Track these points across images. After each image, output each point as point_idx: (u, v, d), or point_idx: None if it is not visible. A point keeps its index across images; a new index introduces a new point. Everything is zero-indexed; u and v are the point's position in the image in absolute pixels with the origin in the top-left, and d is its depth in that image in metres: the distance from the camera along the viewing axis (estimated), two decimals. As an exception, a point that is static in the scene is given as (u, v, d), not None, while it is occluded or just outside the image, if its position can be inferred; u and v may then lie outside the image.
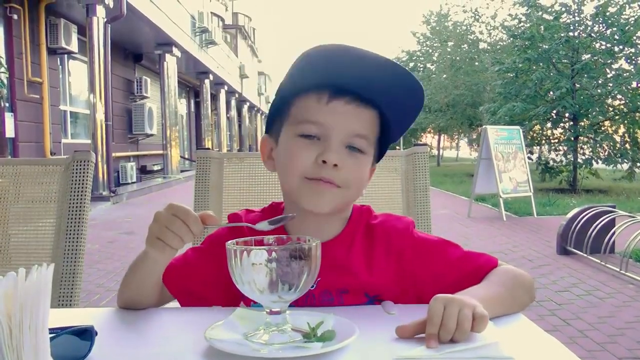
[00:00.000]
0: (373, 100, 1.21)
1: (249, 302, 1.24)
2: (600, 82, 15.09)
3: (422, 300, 1.22)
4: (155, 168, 18.93)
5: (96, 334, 0.93)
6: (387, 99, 1.21)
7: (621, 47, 14.84)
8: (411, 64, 35.33)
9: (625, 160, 14.73)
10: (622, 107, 15.44)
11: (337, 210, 1.24)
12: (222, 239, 1.17)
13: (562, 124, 16.18)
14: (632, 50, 14.79)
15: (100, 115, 12.25)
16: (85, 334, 0.92)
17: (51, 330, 0.81)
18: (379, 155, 1.32)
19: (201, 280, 1.30)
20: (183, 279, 1.29)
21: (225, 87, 29.29)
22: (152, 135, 18.25)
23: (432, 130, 34.21)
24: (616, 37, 14.57)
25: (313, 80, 1.21)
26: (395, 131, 1.29)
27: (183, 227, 1.07)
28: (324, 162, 1.16)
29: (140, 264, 1.21)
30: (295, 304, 1.19)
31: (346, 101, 1.19)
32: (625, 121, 15.12)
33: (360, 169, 1.22)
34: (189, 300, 1.30)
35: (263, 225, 1.13)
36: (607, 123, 15.69)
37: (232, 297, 1.24)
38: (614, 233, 6.17)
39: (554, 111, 15.29)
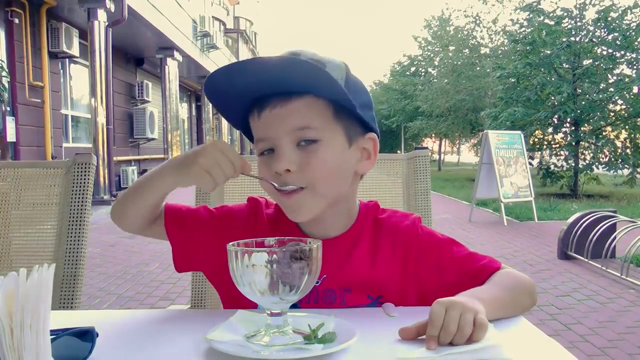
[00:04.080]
0: (295, 91, 1.17)
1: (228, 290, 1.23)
2: (601, 87, 15.08)
3: (423, 298, 1.23)
4: (157, 172, 18.89)
5: (97, 335, 0.93)
6: (297, 84, 1.16)
7: (623, 52, 14.83)
8: (412, 68, 35.43)
9: (626, 166, 14.71)
10: (623, 112, 15.43)
11: (328, 210, 1.23)
12: (236, 217, 1.24)
13: (563, 129, 16.17)
14: (634, 55, 14.77)
15: (101, 119, 12.25)
16: (86, 336, 0.92)
17: (52, 332, 0.81)
18: (365, 124, 1.26)
19: (199, 240, 1.31)
20: (184, 226, 1.32)
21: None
22: (153, 139, 18.25)
23: (433, 135, 34.22)
24: (618, 42, 14.56)
25: (238, 108, 1.25)
26: (340, 97, 1.17)
27: (230, 175, 1.14)
28: (277, 172, 1.17)
29: (154, 176, 1.25)
30: (299, 303, 1.20)
31: (271, 107, 1.18)
32: (627, 126, 15.12)
33: (319, 161, 1.17)
34: (181, 251, 1.32)
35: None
36: (608, 128, 15.68)
37: (218, 272, 1.24)
38: (614, 238, 6.17)
39: (555, 116, 15.28)
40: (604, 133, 15.43)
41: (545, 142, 16.65)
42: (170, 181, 1.21)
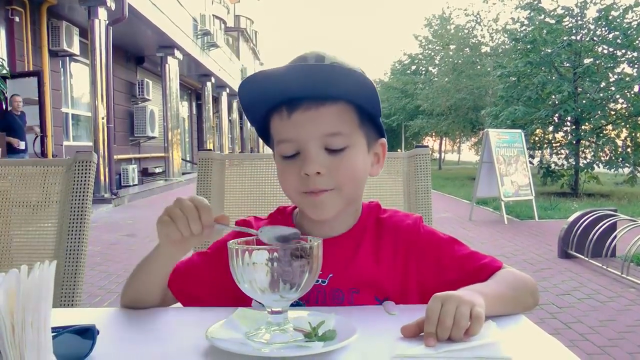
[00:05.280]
0: (328, 96, 1.19)
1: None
2: (602, 86, 15.08)
3: (424, 297, 1.23)
4: (157, 170, 18.95)
5: (98, 333, 0.93)
6: (336, 90, 1.18)
7: (623, 51, 14.82)
8: (413, 67, 35.40)
9: (627, 165, 14.71)
10: (624, 111, 15.42)
11: (343, 210, 1.25)
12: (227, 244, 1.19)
13: (564, 128, 16.18)
14: (635, 54, 14.77)
15: (101, 118, 12.26)
16: (87, 333, 0.92)
17: (53, 329, 0.81)
18: (378, 130, 1.30)
19: (205, 284, 1.30)
20: (186, 282, 1.29)
21: (227, 90, 29.34)
22: (153, 137, 18.28)
23: (434, 134, 34.22)
24: (618, 41, 14.55)
25: (265, 106, 1.23)
26: (371, 105, 1.23)
27: (193, 211, 1.08)
28: (307, 174, 1.17)
29: (150, 258, 1.23)
30: (307, 303, 1.20)
31: (303, 109, 1.18)
32: (627, 125, 15.11)
33: (347, 165, 1.20)
34: (192, 304, 1.30)
35: (269, 239, 1.11)
36: (609, 127, 15.67)
37: (237, 303, 1.23)
38: (615, 237, 6.17)
39: (556, 115, 15.27)
40: (604, 132, 15.44)
41: (546, 141, 16.65)
42: (159, 249, 1.20)
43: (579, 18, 15.44)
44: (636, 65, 14.94)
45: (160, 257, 1.20)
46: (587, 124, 15.22)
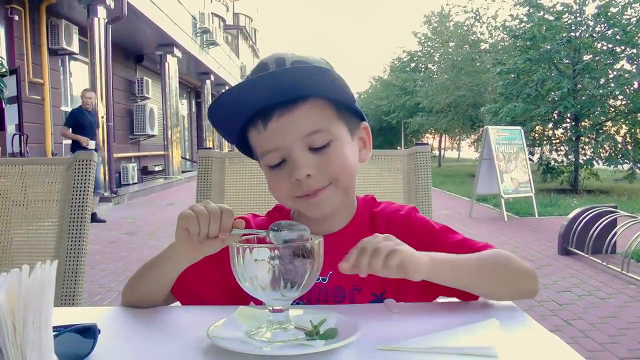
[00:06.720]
0: (298, 97, 1.16)
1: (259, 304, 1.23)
2: (601, 82, 15.09)
3: (421, 288, 1.21)
4: (157, 169, 18.94)
5: (99, 332, 0.93)
6: (304, 89, 1.15)
7: (623, 47, 14.82)
8: (412, 64, 35.41)
9: (627, 161, 14.72)
10: (623, 107, 15.43)
11: (340, 203, 1.25)
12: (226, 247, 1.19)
13: (563, 125, 16.19)
14: (634, 50, 14.77)
15: (101, 116, 12.24)
16: (88, 332, 0.92)
17: (54, 328, 0.81)
18: (358, 115, 1.28)
19: (208, 284, 1.29)
20: (189, 283, 1.28)
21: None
22: (153, 136, 18.26)
23: (433, 131, 34.23)
24: (618, 37, 14.55)
25: (238, 123, 1.22)
26: (341, 94, 1.21)
27: (217, 211, 1.05)
28: (298, 179, 1.16)
29: (160, 258, 1.20)
30: (308, 301, 1.20)
31: (277, 116, 1.16)
32: (627, 122, 15.13)
33: (335, 158, 1.19)
34: (192, 302, 1.29)
35: (277, 241, 1.09)
36: (608, 123, 15.68)
37: (237, 302, 1.23)
38: (615, 233, 6.16)
39: (556, 111, 15.27)
40: (604, 128, 15.45)
41: (546, 138, 16.67)
42: (172, 248, 1.17)
43: (578, 14, 15.44)
44: (635, 62, 14.94)
45: (174, 257, 1.17)
46: (586, 120, 15.23)
